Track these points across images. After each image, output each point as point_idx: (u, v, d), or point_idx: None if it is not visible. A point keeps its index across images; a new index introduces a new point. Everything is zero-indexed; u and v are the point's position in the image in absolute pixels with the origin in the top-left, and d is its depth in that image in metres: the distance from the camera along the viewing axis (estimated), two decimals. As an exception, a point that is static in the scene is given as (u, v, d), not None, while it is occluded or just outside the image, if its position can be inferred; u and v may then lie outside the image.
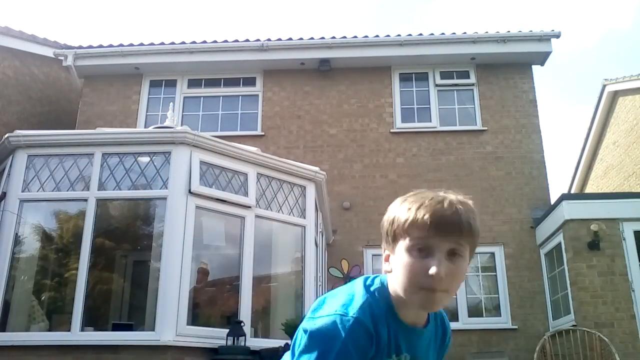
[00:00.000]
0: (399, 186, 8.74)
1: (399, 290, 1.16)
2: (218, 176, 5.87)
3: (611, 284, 7.00)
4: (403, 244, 1.14)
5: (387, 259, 1.22)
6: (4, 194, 5.85)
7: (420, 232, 1.11)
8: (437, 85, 9.51)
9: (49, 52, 9.99)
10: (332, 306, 1.14)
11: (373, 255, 8.49)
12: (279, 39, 9.44)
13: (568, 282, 7.31)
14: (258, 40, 9.41)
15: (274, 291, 6.77)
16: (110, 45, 9.59)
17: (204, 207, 5.69)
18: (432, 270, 1.08)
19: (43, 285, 6.17)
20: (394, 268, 1.18)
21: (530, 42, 9.32)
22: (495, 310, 8.23)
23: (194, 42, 9.51)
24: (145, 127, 8.91)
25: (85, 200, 5.75)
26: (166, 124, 6.79)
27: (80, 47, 9.59)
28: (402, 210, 1.15)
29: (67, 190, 5.83)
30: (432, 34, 9.46)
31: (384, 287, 1.20)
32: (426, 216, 1.11)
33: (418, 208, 1.13)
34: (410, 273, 1.11)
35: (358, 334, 1.10)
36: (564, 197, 7.63)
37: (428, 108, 9.43)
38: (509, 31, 9.36)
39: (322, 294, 1.56)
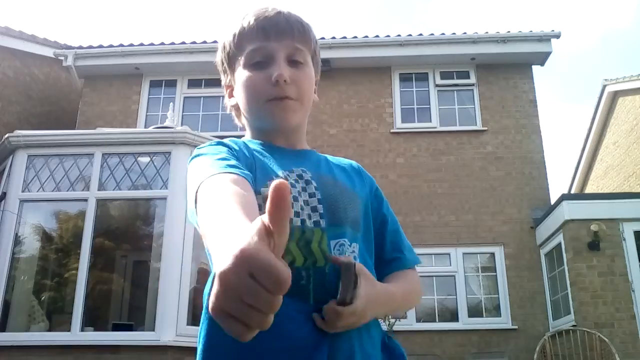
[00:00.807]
0: (399, 186, 8.74)
1: (248, 116, 1.11)
2: (218, 176, 5.87)
3: (611, 284, 7.00)
4: (240, 63, 1.08)
5: (230, 95, 1.16)
6: (4, 194, 5.85)
7: (251, 41, 1.06)
8: (437, 86, 9.51)
9: (49, 52, 9.99)
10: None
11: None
12: (279, 39, 9.44)
13: (568, 282, 7.31)
14: (258, 40, 9.40)
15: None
16: (110, 45, 9.59)
17: (204, 207, 5.68)
18: (275, 74, 1.03)
19: (43, 285, 6.18)
20: (238, 96, 1.11)
21: (530, 42, 9.32)
22: (495, 311, 8.23)
23: (194, 42, 9.51)
24: (145, 127, 8.91)
25: (85, 200, 5.76)
26: (166, 124, 6.79)
27: (80, 47, 9.58)
28: (229, 31, 1.10)
29: (67, 191, 5.84)
30: (432, 34, 9.46)
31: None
32: (252, 21, 1.07)
33: (243, 19, 1.09)
34: (253, 86, 1.06)
35: (220, 143, 1.02)
36: (564, 197, 7.63)
37: (428, 108, 9.43)
38: (509, 31, 9.36)
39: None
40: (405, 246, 1.17)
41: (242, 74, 1.08)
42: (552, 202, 8.31)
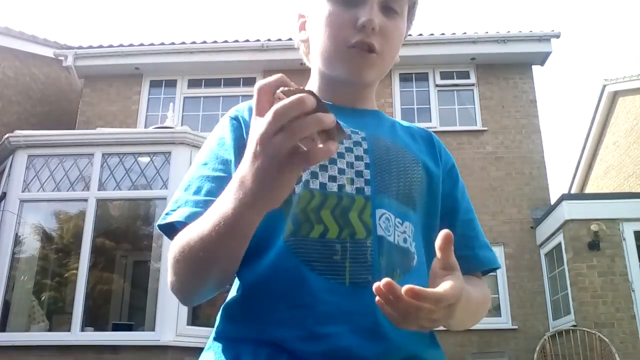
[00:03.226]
0: (399, 186, 8.75)
1: (319, 57, 0.94)
2: (218, 176, 5.88)
3: (611, 284, 7.00)
4: None
5: (302, 27, 1.00)
6: (4, 194, 5.85)
7: None
8: (437, 86, 9.51)
9: (49, 52, 9.99)
10: None
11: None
12: (279, 39, 9.43)
13: (568, 282, 7.31)
14: (258, 40, 9.41)
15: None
16: (110, 46, 9.59)
17: (204, 207, 5.69)
18: (363, 18, 0.87)
19: (43, 285, 6.18)
20: (313, 32, 0.95)
21: (530, 42, 9.32)
22: (495, 310, 8.23)
23: (194, 42, 9.51)
24: (145, 127, 8.91)
25: (85, 200, 5.76)
26: (166, 124, 6.79)
27: (80, 47, 9.58)
28: None
29: (67, 191, 5.84)
30: (432, 34, 9.46)
31: None
32: None
33: None
34: (335, 25, 0.89)
35: (230, 117, 0.92)
36: (564, 197, 7.63)
37: (428, 108, 9.43)
38: (509, 31, 9.36)
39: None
40: (480, 242, 0.96)
41: (324, 7, 0.91)
42: (552, 202, 8.31)
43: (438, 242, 0.67)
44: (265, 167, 0.61)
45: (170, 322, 5.14)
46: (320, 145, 0.59)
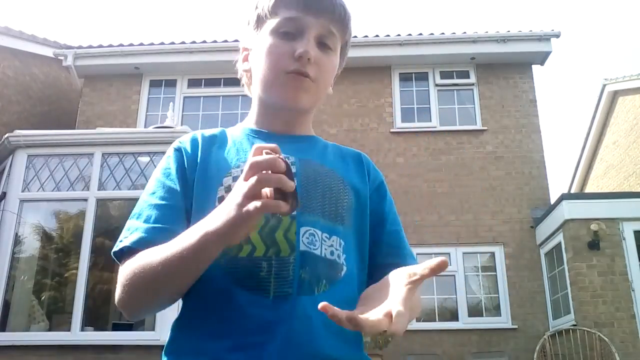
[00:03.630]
0: (399, 186, 8.74)
1: (259, 84, 1.03)
2: (218, 176, 5.88)
3: (611, 284, 7.00)
4: (267, 27, 1.01)
5: (245, 58, 1.09)
6: (4, 194, 5.85)
7: (288, 9, 0.99)
8: (437, 85, 9.51)
9: (49, 52, 9.99)
10: None
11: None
12: (279, 39, 9.43)
13: (568, 281, 7.31)
14: (258, 40, 9.40)
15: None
16: (110, 45, 9.59)
17: (204, 207, 5.70)
18: (300, 49, 0.96)
19: (43, 285, 6.18)
20: (254, 62, 1.04)
21: (530, 42, 9.32)
22: (495, 310, 8.23)
23: (194, 42, 9.51)
24: (145, 127, 8.91)
25: (85, 200, 5.76)
26: (166, 124, 6.79)
27: (80, 47, 9.58)
28: None
29: (67, 190, 5.84)
30: (432, 34, 9.45)
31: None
32: None
33: None
34: (274, 55, 0.99)
35: (174, 148, 1.02)
36: (564, 197, 7.63)
37: (428, 108, 9.43)
38: (509, 31, 9.35)
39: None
40: (405, 252, 1.04)
41: (266, 40, 1.01)
42: (552, 201, 8.31)
43: (432, 265, 0.70)
44: (230, 203, 0.75)
45: (170, 322, 5.11)
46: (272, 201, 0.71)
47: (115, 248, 0.92)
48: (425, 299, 8.24)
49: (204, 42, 9.51)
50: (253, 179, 0.72)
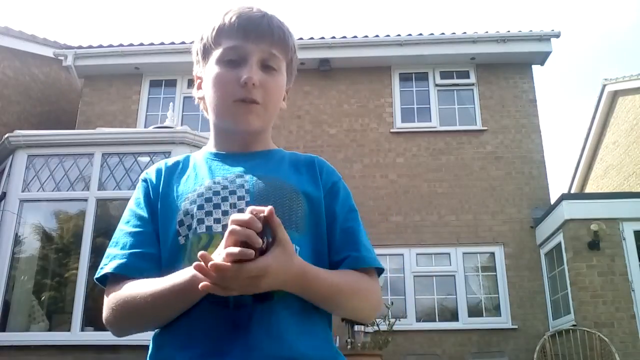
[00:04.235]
0: (399, 186, 8.75)
1: (212, 112, 1.11)
2: (218, 176, 5.88)
3: (611, 284, 7.00)
4: (213, 57, 1.08)
5: (199, 86, 1.17)
6: (4, 194, 5.85)
7: (229, 38, 1.06)
8: (437, 85, 9.51)
9: (49, 52, 9.99)
10: None
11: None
12: (279, 39, 9.42)
13: (568, 282, 7.31)
14: (258, 40, 9.39)
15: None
16: (110, 45, 9.59)
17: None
18: (244, 76, 1.03)
19: (43, 285, 6.18)
20: (206, 90, 1.12)
21: (530, 42, 9.32)
22: (495, 310, 8.23)
23: (193, 42, 9.49)
24: (145, 127, 8.91)
25: (85, 200, 5.76)
26: (166, 124, 6.78)
27: (80, 47, 9.58)
28: (210, 22, 1.11)
29: (67, 190, 5.84)
30: (432, 34, 9.45)
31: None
32: (233, 19, 1.07)
33: (226, 14, 1.09)
34: (221, 84, 1.06)
35: (141, 179, 1.13)
36: (564, 197, 7.63)
37: (428, 108, 9.43)
38: (509, 31, 9.35)
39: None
40: (359, 245, 1.06)
41: (213, 69, 1.08)
42: (552, 201, 8.31)
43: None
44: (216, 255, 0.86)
45: (170, 322, 5.14)
46: (230, 254, 0.82)
47: (97, 275, 1.01)
48: (426, 299, 8.24)
49: (204, 42, 9.49)
50: (229, 229, 0.84)
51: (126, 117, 9.45)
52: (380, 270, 1.07)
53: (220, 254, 0.84)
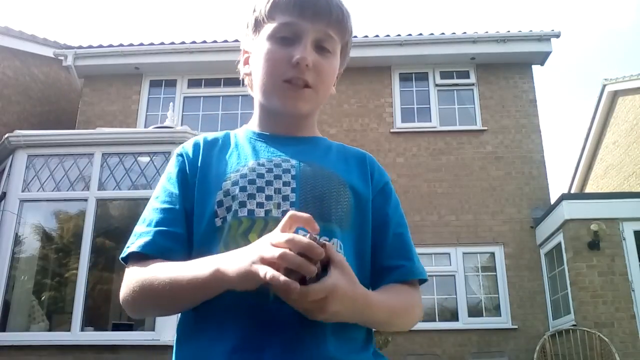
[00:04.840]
0: (399, 186, 8.74)
1: (258, 90, 1.04)
2: (218, 176, 5.88)
3: (611, 284, 7.00)
4: (265, 32, 1.01)
5: (246, 61, 1.10)
6: (4, 194, 5.85)
7: (284, 13, 0.99)
8: (437, 85, 9.51)
9: (49, 52, 9.99)
10: None
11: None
12: (279, 39, 9.42)
13: (568, 282, 7.31)
14: (258, 40, 9.40)
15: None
16: (110, 45, 9.59)
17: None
18: (297, 56, 0.96)
19: (43, 285, 6.18)
20: (254, 67, 1.05)
21: (530, 42, 9.32)
22: (495, 310, 8.23)
23: (194, 42, 9.51)
24: (145, 127, 8.91)
25: (85, 200, 5.76)
26: (166, 124, 6.78)
27: (80, 47, 9.58)
28: None
29: (67, 190, 5.84)
30: (432, 34, 9.45)
31: None
32: None
33: None
34: (271, 61, 0.99)
35: (177, 154, 1.06)
36: (564, 197, 7.63)
37: (428, 108, 9.43)
38: (509, 31, 9.35)
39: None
40: (412, 254, 1.03)
41: (264, 45, 1.01)
42: (552, 201, 8.31)
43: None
44: (247, 256, 0.79)
45: (170, 322, 5.14)
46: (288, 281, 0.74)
47: (123, 254, 0.95)
48: (426, 299, 8.24)
49: (204, 42, 9.51)
50: (279, 252, 0.75)
51: (126, 117, 9.45)
52: (423, 281, 1.04)
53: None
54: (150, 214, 0.97)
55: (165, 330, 5.11)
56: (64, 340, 5.17)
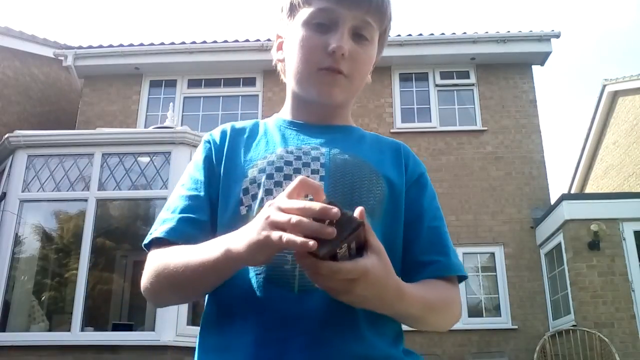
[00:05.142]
0: (399, 186, 8.74)
1: (292, 78, 1.01)
2: (218, 176, 5.88)
3: (611, 284, 7.00)
4: (300, 17, 0.97)
5: (280, 47, 1.06)
6: (4, 194, 5.85)
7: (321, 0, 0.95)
8: (437, 85, 9.51)
9: (49, 52, 9.99)
10: None
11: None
12: (279, 39, 9.42)
13: (568, 282, 7.31)
14: (258, 40, 9.41)
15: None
16: (110, 46, 9.59)
17: (204, 207, 5.69)
18: (333, 44, 0.93)
19: (43, 285, 6.18)
20: (288, 53, 1.02)
21: (530, 42, 9.32)
22: (495, 310, 8.23)
23: (194, 42, 9.51)
24: (145, 127, 8.91)
25: (85, 200, 5.76)
26: (166, 124, 6.78)
27: (80, 47, 9.58)
28: None
29: (67, 191, 5.84)
30: (432, 34, 9.45)
31: None
32: None
33: None
34: (306, 49, 0.96)
35: (204, 141, 1.03)
36: (564, 197, 7.63)
37: (428, 108, 9.43)
38: (509, 31, 9.35)
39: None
40: (448, 249, 0.97)
41: (299, 31, 0.97)
42: (552, 202, 8.31)
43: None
44: (254, 227, 0.74)
45: (170, 322, 5.14)
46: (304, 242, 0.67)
47: (146, 241, 0.93)
48: (425, 299, 8.23)
49: (204, 42, 9.51)
50: (295, 219, 0.69)
51: (126, 117, 9.45)
52: (463, 278, 0.99)
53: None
54: (174, 201, 0.96)
55: (165, 330, 5.11)
56: (64, 341, 5.17)
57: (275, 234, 0.70)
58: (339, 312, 0.82)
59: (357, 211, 0.72)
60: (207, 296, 0.94)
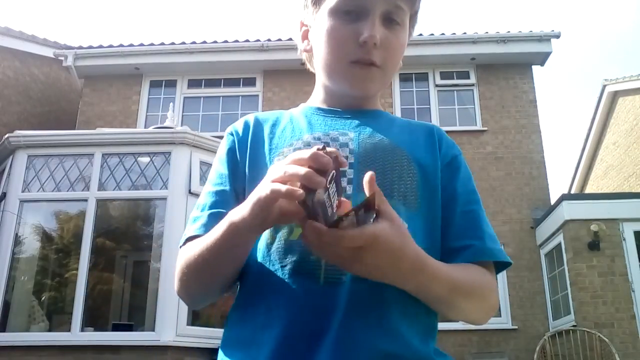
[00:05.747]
0: (399, 186, 8.73)
1: (321, 71, 0.97)
2: (218, 176, 5.88)
3: (611, 284, 7.00)
4: (327, 4, 0.92)
5: (305, 36, 1.01)
6: (4, 194, 5.85)
7: None
8: (437, 86, 9.51)
9: (49, 52, 9.99)
10: None
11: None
12: (279, 39, 9.44)
13: (568, 282, 7.31)
14: (258, 40, 9.41)
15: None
16: (110, 46, 9.59)
17: (204, 208, 5.69)
18: (365, 34, 0.87)
19: (43, 285, 6.18)
20: (315, 43, 0.96)
21: (530, 43, 9.32)
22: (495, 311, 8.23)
23: (194, 42, 9.51)
24: (145, 127, 8.91)
25: (85, 200, 5.76)
26: (166, 124, 6.78)
27: (80, 48, 9.59)
28: None
29: (67, 191, 5.84)
30: (432, 34, 9.46)
31: None
32: None
33: None
34: (336, 40, 0.91)
35: (227, 133, 1.01)
36: (564, 197, 7.63)
37: (428, 108, 9.43)
38: (509, 31, 9.36)
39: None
40: (483, 233, 0.90)
41: (326, 20, 0.92)
42: (552, 202, 8.31)
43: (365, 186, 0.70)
44: (253, 193, 0.72)
45: (170, 322, 5.14)
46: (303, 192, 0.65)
47: (180, 242, 0.92)
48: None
49: (204, 42, 9.51)
50: (286, 171, 0.67)
51: (126, 118, 9.45)
52: (506, 265, 0.93)
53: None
54: (203, 199, 0.94)
55: (165, 330, 5.11)
56: (64, 341, 5.17)
57: (266, 187, 0.69)
58: (366, 303, 0.79)
59: (367, 176, 0.69)
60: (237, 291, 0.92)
